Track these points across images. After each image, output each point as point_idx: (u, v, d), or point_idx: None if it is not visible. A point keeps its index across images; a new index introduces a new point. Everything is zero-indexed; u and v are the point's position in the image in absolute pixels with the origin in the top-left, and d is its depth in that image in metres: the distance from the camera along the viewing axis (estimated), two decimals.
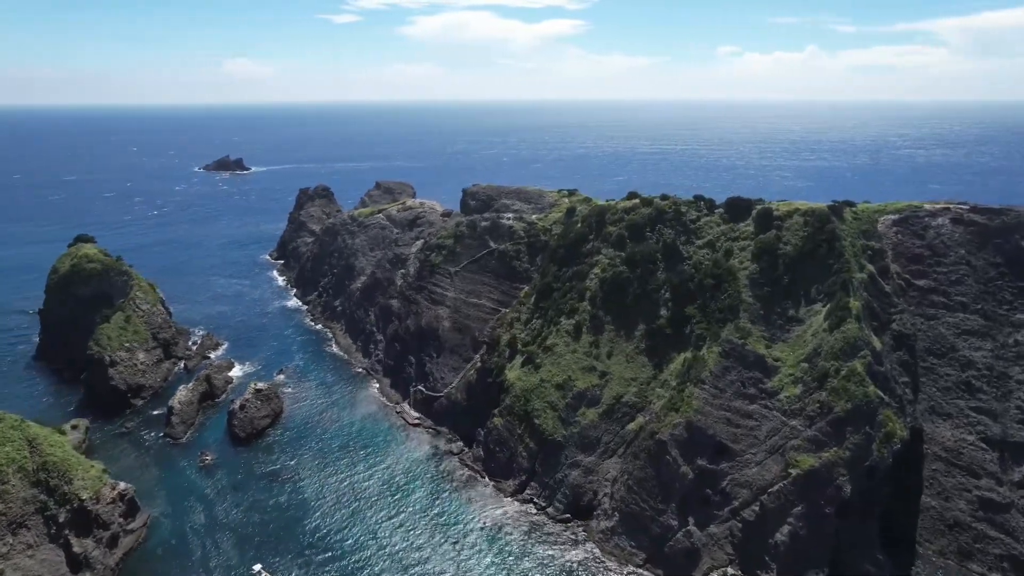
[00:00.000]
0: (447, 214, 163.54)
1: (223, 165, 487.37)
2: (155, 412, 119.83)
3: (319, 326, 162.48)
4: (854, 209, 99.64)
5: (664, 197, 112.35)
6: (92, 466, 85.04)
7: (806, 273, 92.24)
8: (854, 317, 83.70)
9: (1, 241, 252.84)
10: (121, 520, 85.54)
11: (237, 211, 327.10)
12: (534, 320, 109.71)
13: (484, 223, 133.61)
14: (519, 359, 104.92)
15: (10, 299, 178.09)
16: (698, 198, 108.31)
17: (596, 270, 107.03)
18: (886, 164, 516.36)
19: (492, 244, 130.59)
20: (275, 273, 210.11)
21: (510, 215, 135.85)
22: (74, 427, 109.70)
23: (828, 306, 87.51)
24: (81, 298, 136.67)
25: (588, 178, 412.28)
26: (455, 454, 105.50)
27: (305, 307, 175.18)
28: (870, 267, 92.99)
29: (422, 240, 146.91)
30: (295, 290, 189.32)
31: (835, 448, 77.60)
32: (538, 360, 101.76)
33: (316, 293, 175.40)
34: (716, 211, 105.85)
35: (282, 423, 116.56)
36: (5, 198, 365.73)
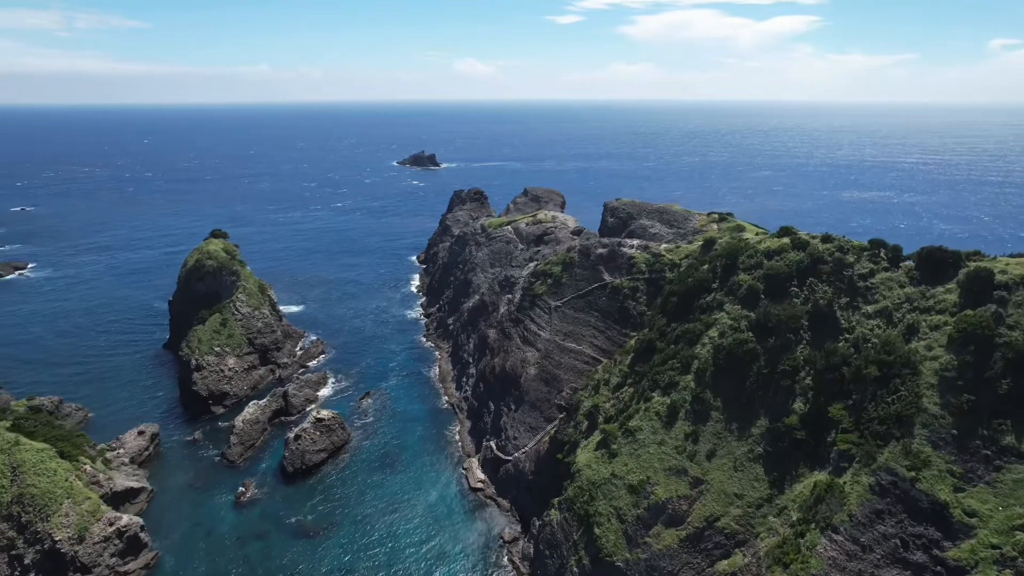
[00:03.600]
0: (578, 232, 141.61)
1: (417, 161, 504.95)
2: (227, 424, 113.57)
3: (429, 343, 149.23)
4: None
5: (827, 238, 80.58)
6: (88, 498, 77.23)
7: None
8: None
9: (204, 222, 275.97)
10: (115, 560, 77.11)
11: (410, 208, 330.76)
12: (625, 387, 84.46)
13: (600, 250, 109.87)
14: (596, 437, 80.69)
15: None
16: (875, 243, 75.28)
17: (712, 332, 78.84)
18: None
19: (606, 276, 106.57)
20: (415, 277, 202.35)
21: (635, 242, 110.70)
22: (140, 432, 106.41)
23: None
24: (197, 293, 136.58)
25: (790, 196, 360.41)
26: (507, 542, 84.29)
27: (424, 320, 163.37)
28: None
29: (535, 263, 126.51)
30: (423, 299, 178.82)
31: None
32: (614, 445, 76.74)
33: (437, 306, 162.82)
34: (901, 265, 72.62)
35: (340, 460, 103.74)
36: (225, 187, 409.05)
